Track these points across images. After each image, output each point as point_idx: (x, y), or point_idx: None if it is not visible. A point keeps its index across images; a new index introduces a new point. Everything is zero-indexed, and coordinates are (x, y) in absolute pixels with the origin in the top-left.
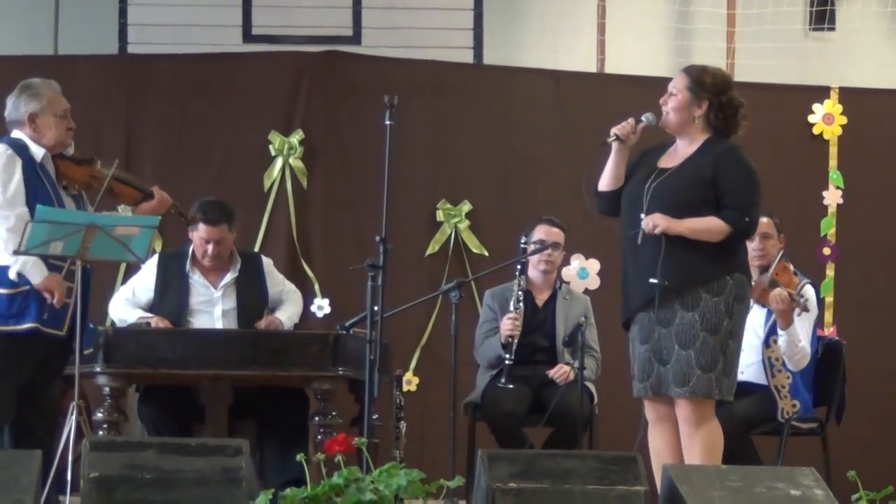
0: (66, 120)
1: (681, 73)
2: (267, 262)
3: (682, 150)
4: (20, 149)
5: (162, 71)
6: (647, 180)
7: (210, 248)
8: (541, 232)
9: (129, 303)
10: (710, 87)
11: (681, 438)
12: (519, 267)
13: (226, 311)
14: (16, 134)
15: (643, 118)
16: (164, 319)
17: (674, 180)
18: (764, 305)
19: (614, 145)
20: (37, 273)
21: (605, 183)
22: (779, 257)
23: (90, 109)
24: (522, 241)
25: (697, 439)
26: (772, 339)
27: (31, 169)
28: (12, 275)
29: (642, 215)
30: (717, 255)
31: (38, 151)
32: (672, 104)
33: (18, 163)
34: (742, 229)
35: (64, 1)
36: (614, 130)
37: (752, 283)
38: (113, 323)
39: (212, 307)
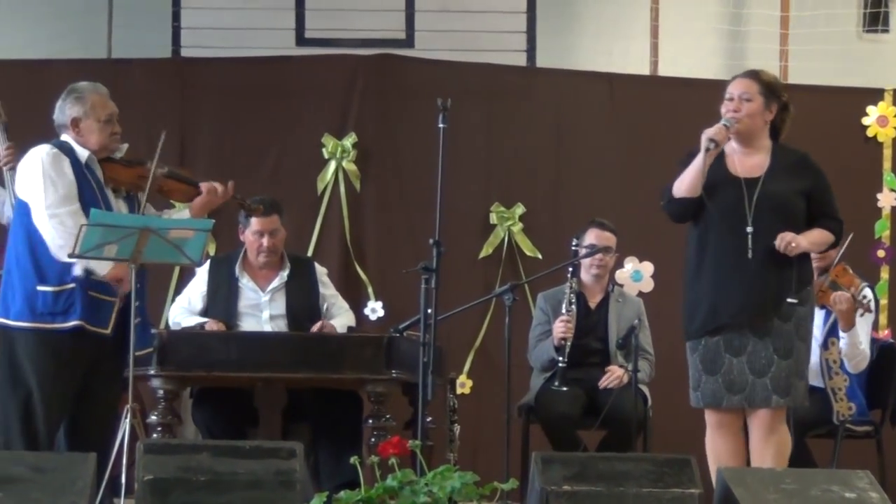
0: (110, 125)
1: (747, 79)
2: (321, 271)
3: (752, 158)
4: (66, 150)
5: (215, 74)
6: (737, 189)
7: (265, 240)
8: (592, 236)
9: (185, 311)
10: (778, 91)
11: (752, 444)
12: (570, 270)
13: (273, 316)
14: (63, 137)
15: (726, 123)
16: (218, 322)
17: (775, 191)
18: (823, 307)
19: (706, 147)
20: (102, 264)
21: (689, 189)
22: (837, 259)
23: (144, 113)
24: (574, 243)
25: (771, 444)
26: (829, 341)
27: (78, 170)
28: (78, 271)
29: (749, 228)
30: (806, 264)
31: (82, 153)
32: (747, 110)
33: (66, 161)
34: (838, 238)
35: (118, 5)
36: (711, 136)
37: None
38: (167, 326)
39: (259, 311)
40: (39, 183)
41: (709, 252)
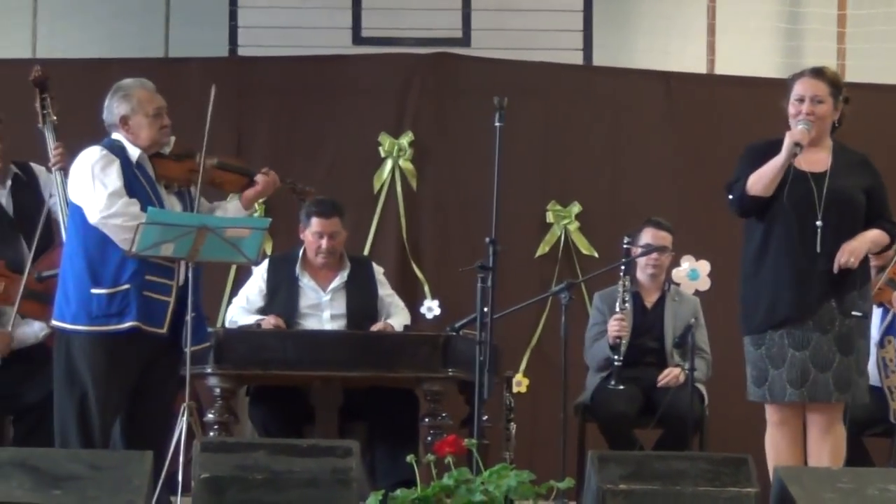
0: (159, 119)
1: (815, 79)
2: (378, 270)
3: (816, 154)
4: (116, 150)
5: (272, 73)
6: (805, 183)
7: (324, 242)
8: (648, 235)
9: (244, 311)
10: (841, 88)
11: (809, 442)
12: (623, 268)
13: (334, 316)
14: (113, 136)
15: (806, 127)
16: (276, 317)
17: (842, 187)
18: (881, 305)
19: (793, 151)
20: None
21: (765, 189)
22: (895, 258)
23: (201, 111)
24: (626, 241)
25: (828, 442)
26: (886, 340)
27: (129, 170)
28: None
29: (818, 222)
30: (864, 264)
31: (133, 152)
32: (819, 112)
33: (116, 162)
34: (894, 239)
35: (175, 4)
36: (798, 140)
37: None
38: (224, 325)
39: (320, 311)
40: (90, 185)
41: (773, 246)
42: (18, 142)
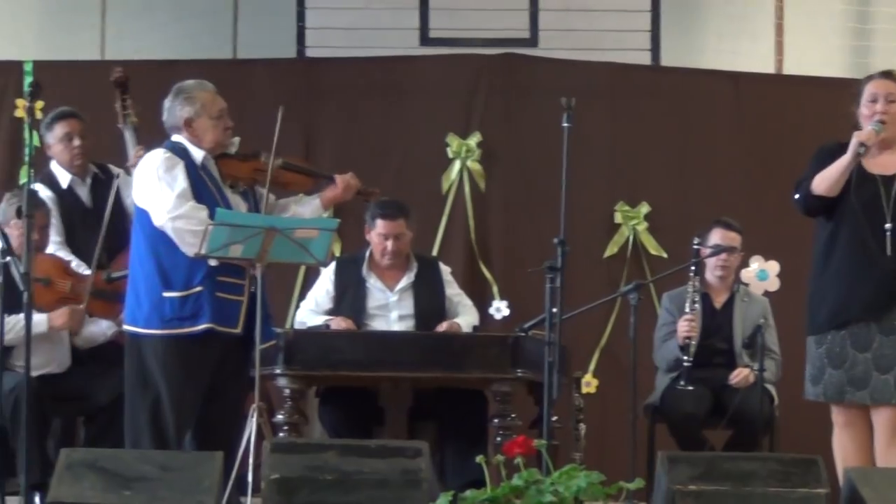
0: (222, 120)
1: (888, 80)
2: (445, 270)
3: (885, 156)
4: (180, 152)
5: (340, 74)
6: (874, 186)
7: (389, 244)
8: (717, 235)
9: (312, 313)
10: None
11: (876, 444)
12: (693, 269)
13: (402, 316)
14: (175, 138)
15: (876, 128)
16: (345, 319)
17: None
18: None
19: (857, 152)
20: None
21: (830, 189)
22: None
23: (268, 113)
24: (695, 241)
25: (895, 444)
26: None
27: (194, 172)
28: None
29: (888, 224)
30: None
31: (197, 154)
32: (894, 110)
33: (181, 164)
34: None
35: (243, 6)
36: (864, 140)
37: None
38: (293, 326)
39: (388, 312)
40: (156, 188)
41: (840, 246)
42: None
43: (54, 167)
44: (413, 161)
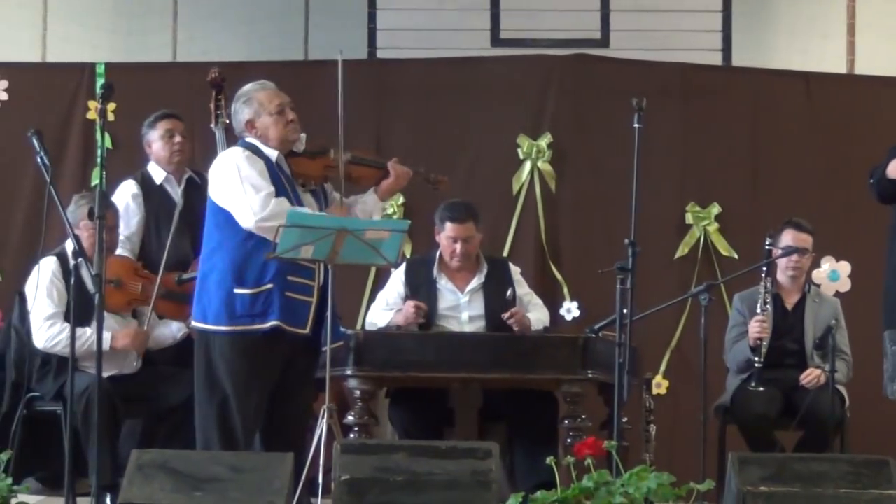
0: (283, 115)
1: None
2: (515, 270)
3: None
4: (256, 151)
5: (411, 75)
6: None
7: (458, 246)
8: (788, 237)
9: (383, 313)
10: None
11: None
12: (764, 270)
13: (472, 317)
14: (247, 139)
15: None
16: (418, 303)
17: None
18: None
19: None
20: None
21: None
22: None
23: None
24: (767, 242)
25: None
26: None
27: (273, 171)
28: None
29: None
30: None
31: (271, 153)
32: None
33: (260, 161)
34: None
35: (314, 7)
36: None
37: None
38: (363, 327)
39: (459, 312)
40: (239, 189)
41: None
42: None
43: (151, 166)
44: (484, 162)
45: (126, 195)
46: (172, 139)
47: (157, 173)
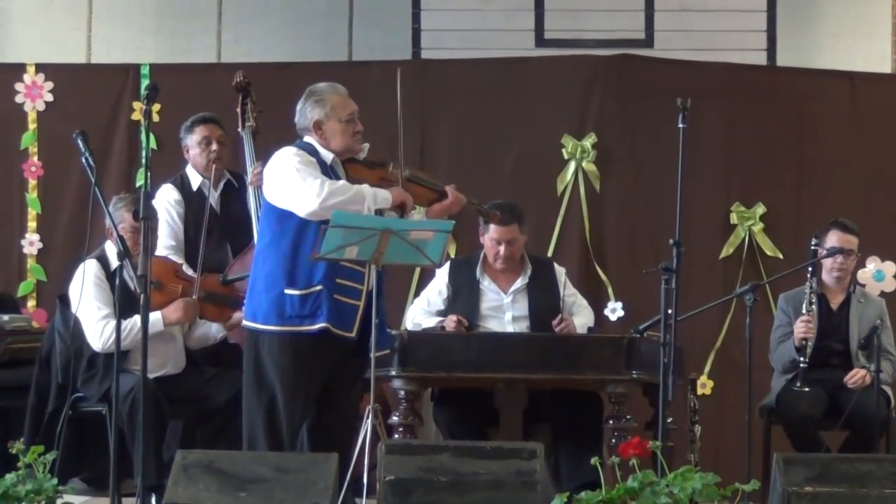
0: (352, 124)
1: None
2: (560, 271)
3: None
4: (311, 153)
5: (455, 76)
6: None
7: (502, 248)
8: (833, 237)
9: (424, 312)
10: None
11: None
12: (810, 270)
13: (516, 318)
14: (306, 139)
15: None
16: (458, 317)
17: None
18: None
19: None
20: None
21: None
22: None
23: (384, 115)
24: (813, 242)
25: None
26: None
27: (324, 172)
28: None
29: None
30: None
31: (327, 156)
32: None
33: (313, 160)
34: None
35: (358, 8)
36: None
37: None
38: (406, 326)
39: (502, 313)
40: (296, 180)
41: None
42: None
43: (188, 170)
44: (528, 162)
45: (165, 200)
46: (209, 147)
47: (195, 178)
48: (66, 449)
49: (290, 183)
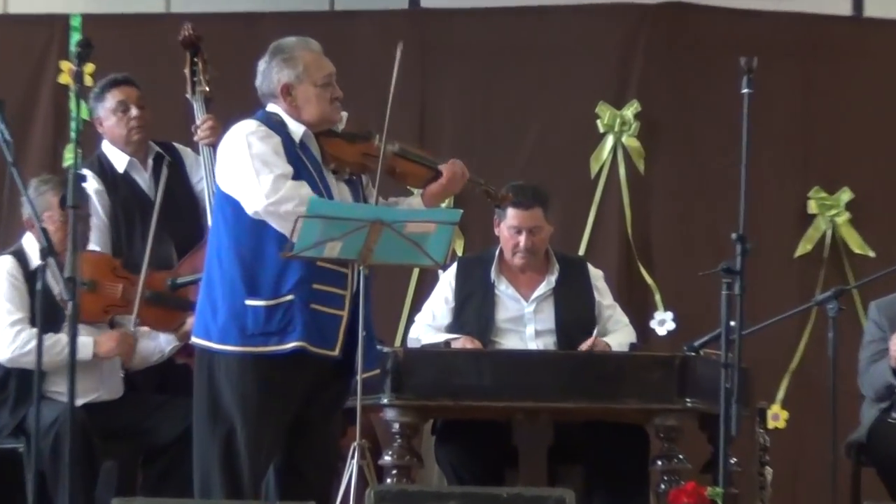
0: (329, 88)
1: None
2: (595, 274)
3: None
4: (275, 125)
5: (462, 29)
6: None
7: (522, 238)
8: None
9: (429, 328)
10: None
11: None
12: None
13: (539, 332)
14: (271, 108)
15: None
16: (473, 339)
17: None
18: None
19: None
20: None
21: None
22: None
23: (373, 77)
24: None
25: None
26: None
27: (291, 150)
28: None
29: None
30: None
31: (297, 129)
32: None
33: (276, 138)
34: None
35: None
36: None
37: None
38: (404, 344)
39: (522, 326)
40: (248, 168)
41: None
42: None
43: (106, 148)
44: (554, 137)
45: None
46: (127, 113)
47: (118, 158)
48: None
49: (241, 171)
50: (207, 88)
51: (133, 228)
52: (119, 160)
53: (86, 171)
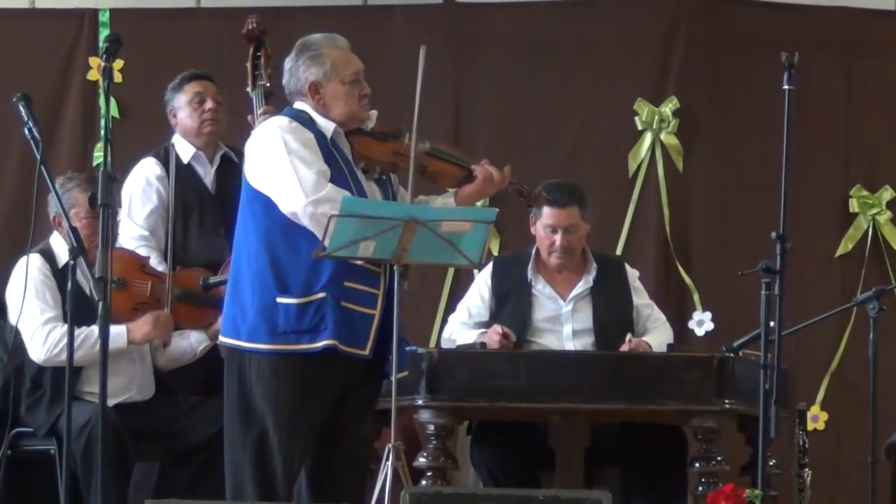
0: (357, 86)
1: None
2: (632, 274)
3: None
4: (305, 122)
5: (498, 24)
6: None
7: (558, 238)
8: None
9: (464, 326)
10: None
11: None
12: None
13: (577, 332)
14: (299, 105)
15: None
16: (501, 325)
17: None
18: None
19: None
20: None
21: None
22: None
23: (406, 74)
24: None
25: None
26: None
27: (324, 147)
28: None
29: None
30: None
31: (327, 126)
32: None
33: (310, 135)
34: None
35: None
36: None
37: None
38: (438, 345)
39: (559, 325)
40: (285, 165)
41: None
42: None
43: (176, 140)
44: (591, 134)
45: (144, 178)
46: (203, 105)
47: (185, 149)
48: (5, 498)
49: (278, 169)
50: (268, 84)
51: (189, 219)
52: (185, 151)
53: (149, 158)
